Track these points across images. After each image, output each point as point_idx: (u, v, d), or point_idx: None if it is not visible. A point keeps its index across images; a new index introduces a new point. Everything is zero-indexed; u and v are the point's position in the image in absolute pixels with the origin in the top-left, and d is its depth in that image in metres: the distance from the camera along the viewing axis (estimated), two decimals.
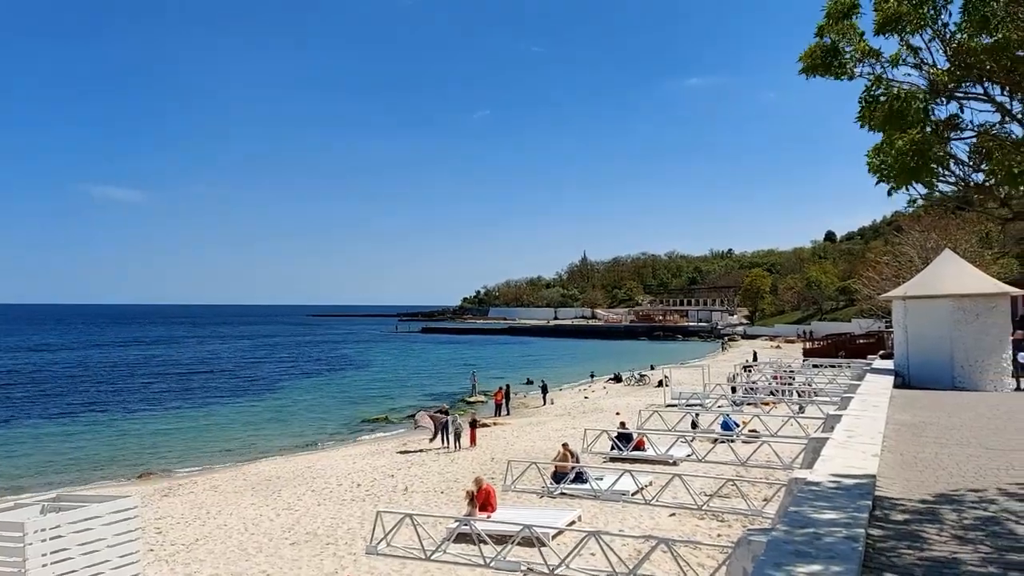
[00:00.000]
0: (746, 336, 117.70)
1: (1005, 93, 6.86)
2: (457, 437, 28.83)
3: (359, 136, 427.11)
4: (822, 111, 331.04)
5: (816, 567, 5.19)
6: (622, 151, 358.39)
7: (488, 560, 11.39)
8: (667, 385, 39.12)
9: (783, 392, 32.98)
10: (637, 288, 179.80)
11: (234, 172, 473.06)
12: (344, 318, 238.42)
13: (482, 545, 11.77)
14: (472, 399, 48.27)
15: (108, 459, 31.23)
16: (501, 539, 12.59)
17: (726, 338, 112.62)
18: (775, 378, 37.31)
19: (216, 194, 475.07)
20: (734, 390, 36.42)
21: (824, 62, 6.94)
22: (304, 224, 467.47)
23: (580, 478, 18.90)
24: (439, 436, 29.33)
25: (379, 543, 12.10)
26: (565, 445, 21.88)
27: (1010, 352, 20.60)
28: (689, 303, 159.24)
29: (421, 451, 28.61)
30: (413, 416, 41.21)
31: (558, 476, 18.93)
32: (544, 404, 44.31)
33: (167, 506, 21.52)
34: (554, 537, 15.16)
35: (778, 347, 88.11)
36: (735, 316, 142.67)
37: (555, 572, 11.08)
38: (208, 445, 34.01)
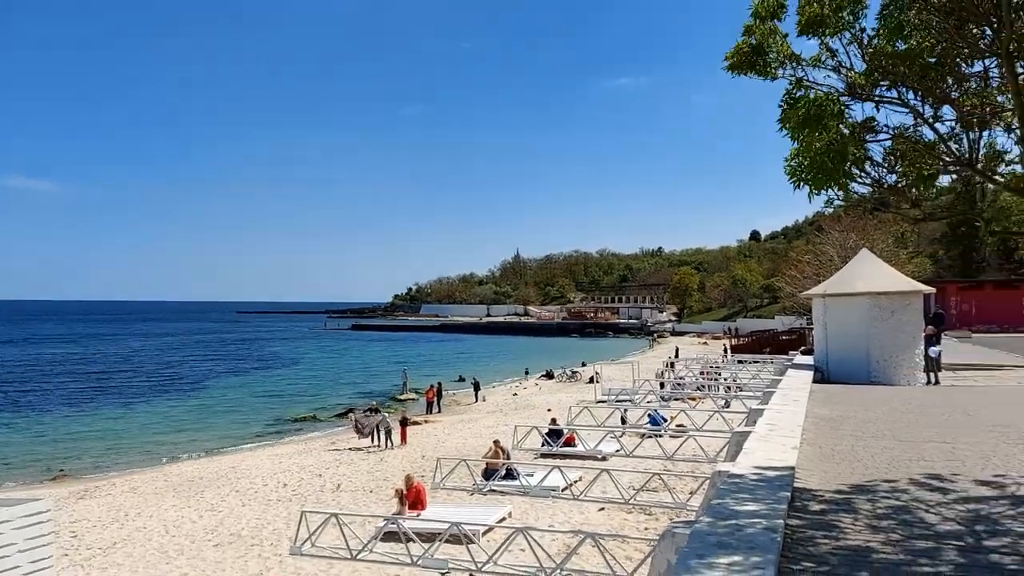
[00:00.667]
0: (675, 333, 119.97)
1: (918, 97, 7.13)
2: (388, 435, 28.55)
3: (289, 131, 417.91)
4: (748, 112, 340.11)
5: (737, 557, 5.29)
6: (554, 149, 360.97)
7: (415, 558, 11.29)
8: (598, 381, 39.56)
9: (709, 387, 33.71)
10: (569, 285, 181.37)
11: (159, 163, 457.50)
12: (272, 315, 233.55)
13: (409, 543, 11.66)
14: (403, 397, 47.88)
15: (20, 461, 29.86)
16: (430, 537, 12.50)
17: (655, 335, 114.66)
18: (702, 374, 38.12)
19: (138, 185, 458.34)
20: (663, 386, 37.06)
21: (749, 61, 7.09)
22: (230, 219, 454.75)
23: (511, 475, 18.94)
24: (371, 435, 29.00)
25: (303, 543, 11.87)
26: (496, 442, 21.90)
27: (922, 348, 21.48)
28: (620, 300, 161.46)
29: (350, 450, 28.25)
30: (344, 415, 40.79)
31: (489, 473, 18.93)
32: (476, 401, 44.29)
33: (83, 509, 20.71)
34: (484, 534, 15.16)
35: (705, 343, 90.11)
36: (664, 313, 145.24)
37: (482, 569, 11.05)
38: (127, 446, 32.84)
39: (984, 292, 54.44)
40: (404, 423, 30.00)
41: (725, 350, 68.72)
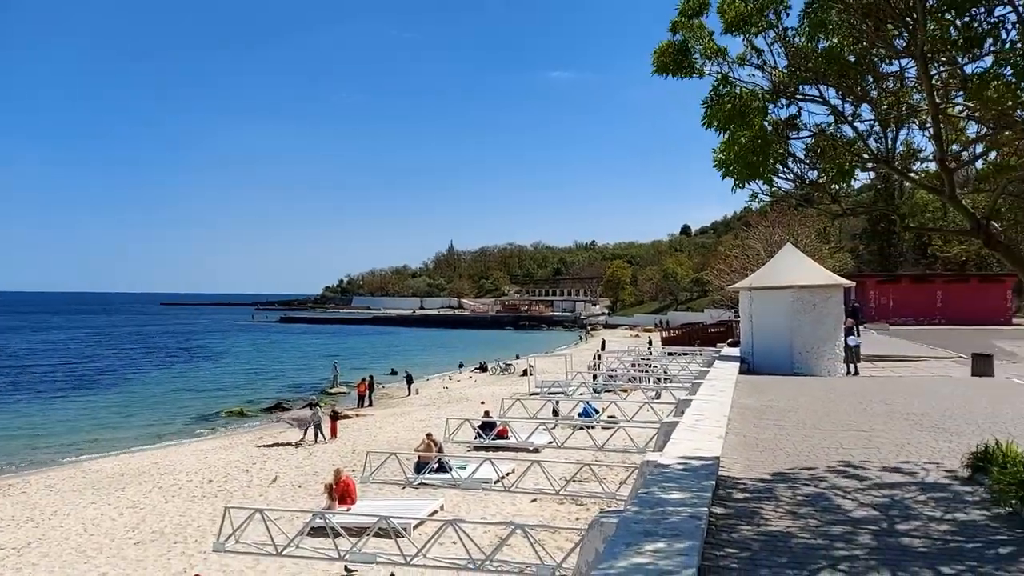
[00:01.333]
0: (607, 326, 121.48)
1: (838, 96, 7.34)
2: (318, 429, 28.13)
3: (217, 119, 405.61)
4: (680, 107, 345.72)
5: (662, 544, 5.37)
6: (489, 140, 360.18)
7: (343, 553, 11.15)
8: (531, 374, 39.73)
9: (640, 379, 34.21)
10: (504, 278, 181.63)
11: (76, 146, 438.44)
12: (197, 307, 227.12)
13: (337, 538, 11.50)
14: (334, 390, 47.25)
15: None
16: (359, 531, 12.36)
17: (589, 328, 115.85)
18: (633, 366, 38.66)
19: (49, 171, 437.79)
20: (595, 378, 37.45)
21: (675, 60, 7.17)
22: (153, 208, 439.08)
23: (443, 468, 18.88)
24: (306, 430, 28.51)
25: (227, 540, 11.59)
26: (429, 435, 21.81)
27: (842, 339, 22.24)
28: (554, 293, 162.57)
29: (279, 445, 27.73)
30: (273, 409, 40.03)
31: (420, 466, 18.83)
32: (409, 394, 44.00)
33: None
34: (416, 527, 15.08)
35: (637, 336, 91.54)
36: (598, 306, 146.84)
37: (411, 563, 10.97)
38: (44, 443, 31.49)
39: (901, 286, 56.69)
40: (334, 417, 29.60)
41: (649, 342, 70.09)
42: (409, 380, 45.88)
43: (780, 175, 7.53)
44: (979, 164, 8.00)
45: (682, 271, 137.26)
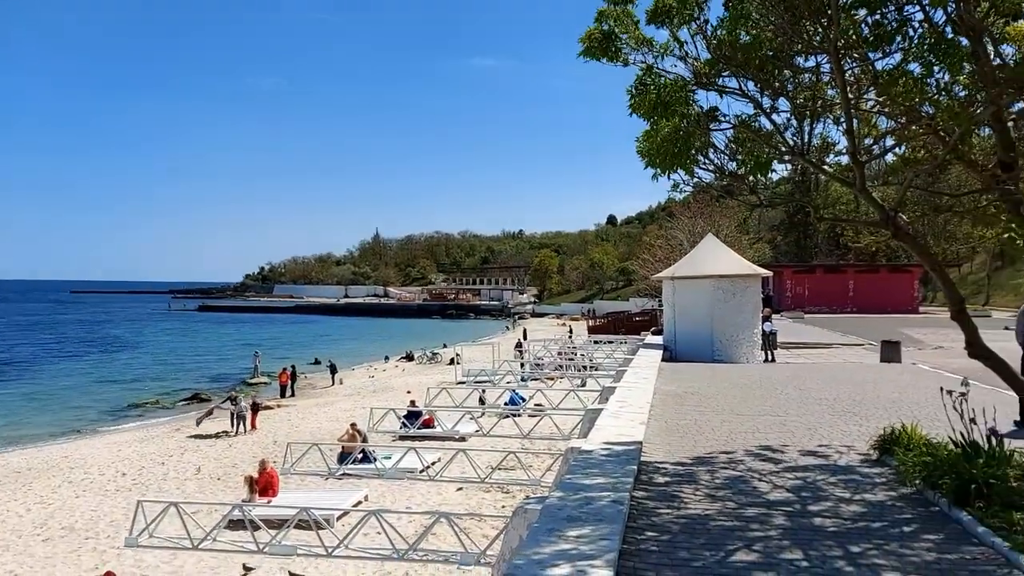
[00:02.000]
0: (535, 315, 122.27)
1: (757, 89, 7.51)
2: (240, 420, 27.43)
3: (130, 98, 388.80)
4: (606, 97, 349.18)
5: (585, 530, 5.42)
6: (414, 127, 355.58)
7: (262, 546, 10.91)
8: (458, 363, 39.68)
9: (566, 367, 34.58)
10: (431, 267, 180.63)
11: None
12: (111, 295, 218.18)
13: (256, 531, 11.26)
14: (255, 380, 46.18)
15: None
16: (281, 524, 12.13)
17: (516, 316, 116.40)
18: (560, 354, 39.04)
19: None
20: (522, 366, 37.69)
21: (602, 47, 7.21)
22: (60, 190, 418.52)
23: (367, 458, 18.69)
24: (231, 421, 27.75)
25: (140, 534, 11.21)
26: (353, 425, 21.54)
27: (760, 327, 22.94)
28: (481, 282, 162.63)
29: (197, 436, 26.96)
30: (191, 400, 38.89)
31: (344, 457, 18.59)
32: (333, 384, 43.35)
33: None
34: (340, 518, 14.90)
35: (564, 325, 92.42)
36: (525, 295, 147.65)
37: (333, 554, 10.83)
38: None
39: (816, 276, 58.85)
40: (255, 408, 28.90)
41: (570, 331, 71.10)
42: (333, 370, 45.19)
43: (701, 166, 7.67)
44: (889, 158, 8.32)
45: (608, 260, 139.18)
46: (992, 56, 6.13)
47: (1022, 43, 5.56)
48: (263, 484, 17.35)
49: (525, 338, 57.47)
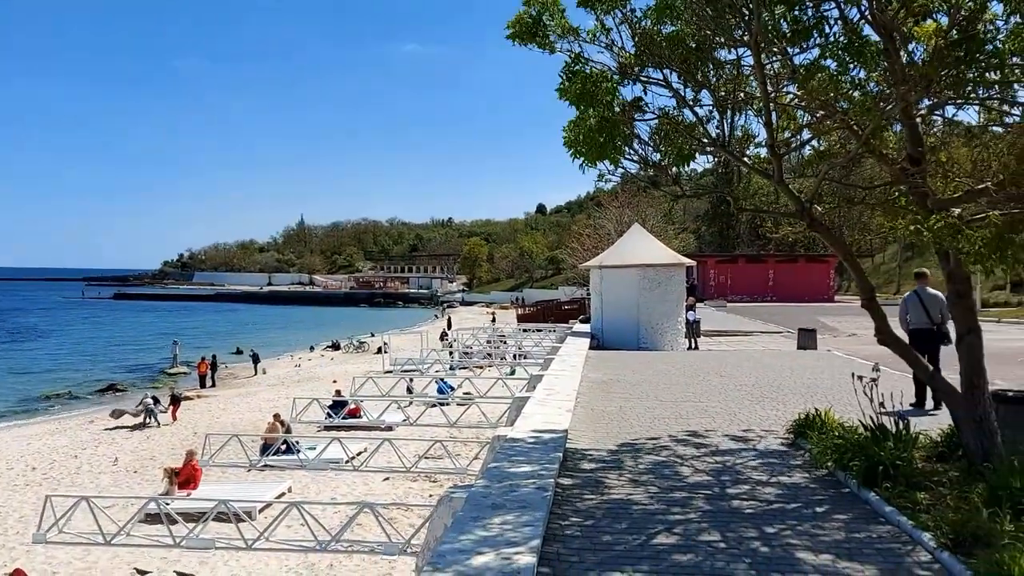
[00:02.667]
0: (464, 303, 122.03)
1: (680, 81, 7.63)
2: (151, 415, 26.51)
3: (40, 84, 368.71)
4: (535, 86, 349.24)
5: (509, 516, 5.44)
6: (341, 112, 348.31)
7: (179, 540, 10.60)
8: (386, 352, 39.31)
9: (495, 356, 34.66)
10: (358, 254, 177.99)
11: None
12: (18, 282, 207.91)
13: (173, 524, 10.94)
14: (173, 371, 44.85)
15: None
16: (200, 517, 11.81)
17: (445, 305, 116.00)
18: (488, 342, 39.09)
19: None
20: (451, 355, 37.58)
21: (530, 31, 7.20)
22: None
23: (291, 449, 18.36)
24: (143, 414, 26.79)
25: (49, 530, 10.76)
26: (276, 415, 21.15)
27: (684, 315, 23.45)
28: (410, 270, 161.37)
29: (113, 428, 26.01)
30: (106, 391, 37.53)
31: (267, 448, 18.23)
32: (256, 374, 42.44)
33: None
34: (262, 510, 14.61)
35: (493, 313, 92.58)
36: (454, 283, 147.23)
37: (254, 546, 10.61)
38: None
39: (738, 266, 60.47)
40: (175, 401, 27.97)
41: (493, 319, 71.50)
42: (255, 359, 44.19)
43: (626, 156, 7.74)
44: (806, 151, 8.58)
45: (537, 249, 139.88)
46: (902, 54, 6.36)
47: (929, 42, 5.79)
48: (185, 476, 16.88)
49: (450, 327, 57.15)
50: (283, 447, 18.31)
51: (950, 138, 7.50)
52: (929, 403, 11.01)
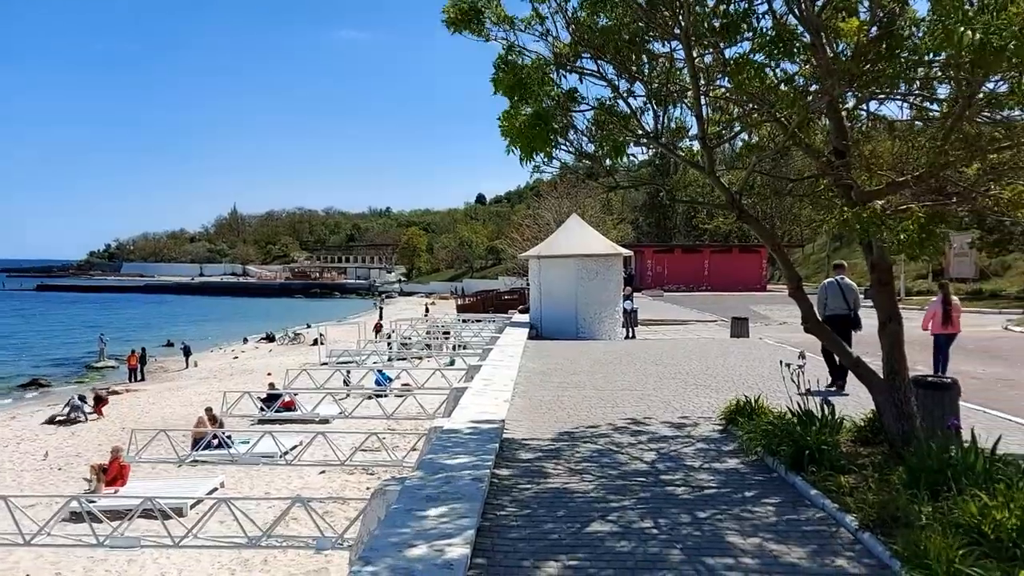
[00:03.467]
0: (403, 293, 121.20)
1: (615, 72, 7.67)
2: (76, 410, 25.57)
3: None
4: (473, 73, 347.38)
5: (444, 508, 5.42)
6: (275, 99, 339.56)
7: (102, 538, 10.27)
8: (322, 343, 38.76)
9: (434, 347, 34.52)
10: (293, 244, 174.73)
11: None
12: None
13: (97, 523, 10.59)
14: (100, 364, 43.41)
15: None
16: (126, 515, 11.47)
17: (383, 295, 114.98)
18: (428, 333, 38.91)
19: None
20: (389, 346, 37.27)
21: (466, 19, 7.14)
22: None
23: (223, 444, 17.97)
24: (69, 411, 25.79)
25: None
26: (208, 410, 20.66)
27: (621, 305, 23.74)
28: (347, 260, 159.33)
29: (37, 425, 25.03)
30: (28, 385, 36.13)
31: (199, 443, 17.80)
32: (187, 367, 41.37)
33: None
34: (193, 507, 14.27)
35: (432, 304, 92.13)
36: (393, 274, 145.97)
37: (180, 544, 10.35)
38: None
39: (674, 256, 61.40)
40: (99, 401, 26.93)
41: (426, 310, 71.42)
42: (187, 352, 43.07)
43: (561, 147, 7.76)
44: (737, 143, 8.73)
45: (477, 239, 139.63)
46: (828, 50, 6.51)
47: (852, 38, 5.94)
48: (113, 474, 16.35)
49: (381, 318, 56.35)
50: (215, 442, 17.89)
51: (874, 132, 7.73)
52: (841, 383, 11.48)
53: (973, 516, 4.83)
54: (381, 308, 71.29)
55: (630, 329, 23.91)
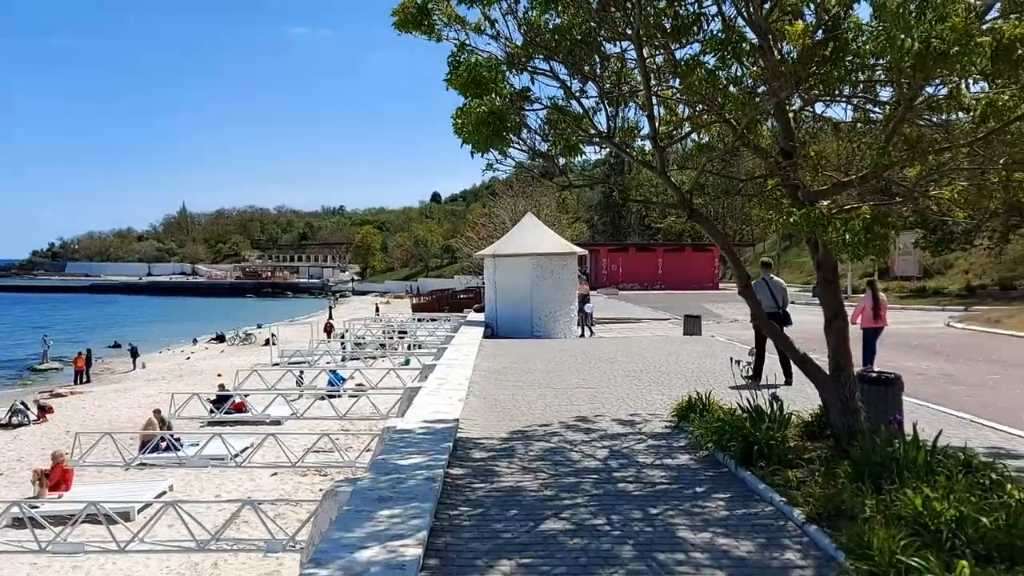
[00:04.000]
0: (356, 292, 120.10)
1: (567, 72, 7.70)
2: (18, 414, 24.77)
3: None
4: (428, 71, 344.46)
5: (397, 509, 5.38)
6: (223, 95, 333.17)
7: (45, 544, 9.98)
8: (274, 343, 38.21)
9: (388, 346, 34.27)
10: (244, 243, 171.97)
11: None
12: None
13: (40, 529, 10.29)
14: (44, 367, 42.16)
15: None
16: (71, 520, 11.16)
17: (337, 295, 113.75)
18: (383, 332, 38.62)
19: None
20: (343, 346, 36.91)
21: (415, 20, 7.10)
22: None
23: (171, 446, 17.60)
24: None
25: None
26: (157, 412, 20.22)
27: (576, 304, 23.85)
28: (300, 259, 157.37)
29: None
30: None
31: (146, 445, 17.40)
32: (134, 369, 40.41)
33: None
34: (141, 511, 13.94)
35: (387, 303, 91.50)
36: (347, 273, 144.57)
37: (126, 549, 10.11)
38: None
39: (629, 254, 61.95)
40: (43, 410, 26.06)
41: (377, 308, 71.07)
42: (134, 353, 42.05)
43: (515, 146, 7.77)
44: (688, 143, 8.84)
45: (433, 238, 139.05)
46: (775, 53, 6.63)
47: (798, 41, 6.06)
48: (56, 478, 15.89)
49: (331, 317, 55.57)
50: (163, 445, 17.51)
51: (820, 133, 7.90)
52: (782, 378, 11.59)
53: (915, 508, 4.96)
54: (331, 307, 70.03)
55: (585, 328, 24.06)
